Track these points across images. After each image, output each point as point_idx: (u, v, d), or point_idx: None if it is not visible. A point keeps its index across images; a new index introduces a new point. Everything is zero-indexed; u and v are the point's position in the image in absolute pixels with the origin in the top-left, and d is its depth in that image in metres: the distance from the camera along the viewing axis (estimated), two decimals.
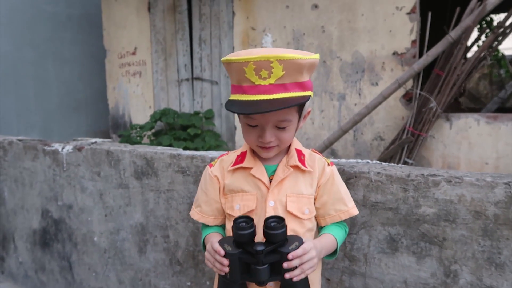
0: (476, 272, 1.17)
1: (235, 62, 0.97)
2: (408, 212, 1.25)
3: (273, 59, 0.93)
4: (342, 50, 3.86)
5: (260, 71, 0.95)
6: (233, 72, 1.00)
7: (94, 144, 2.07)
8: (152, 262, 1.86)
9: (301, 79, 0.99)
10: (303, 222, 1.09)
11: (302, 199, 1.09)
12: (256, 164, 1.11)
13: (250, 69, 0.95)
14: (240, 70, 0.97)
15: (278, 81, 0.96)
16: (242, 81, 0.99)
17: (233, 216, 1.08)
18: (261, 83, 0.96)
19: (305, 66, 0.97)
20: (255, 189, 1.09)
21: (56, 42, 5.82)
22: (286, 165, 1.10)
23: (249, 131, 1.07)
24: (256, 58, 0.94)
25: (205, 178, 1.19)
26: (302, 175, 1.10)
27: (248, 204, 1.09)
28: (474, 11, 3.24)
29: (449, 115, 3.43)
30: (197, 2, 4.74)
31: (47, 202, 2.24)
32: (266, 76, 0.95)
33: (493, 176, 1.16)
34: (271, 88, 0.96)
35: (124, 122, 5.43)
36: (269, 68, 0.94)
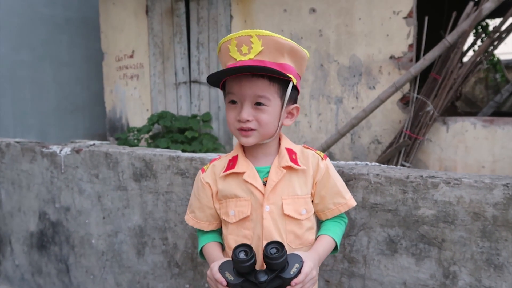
0: (475, 273, 1.17)
1: (222, 43, 1.06)
2: (407, 213, 1.26)
3: (253, 34, 1.00)
4: (340, 54, 3.88)
5: (241, 47, 1.01)
6: (222, 56, 1.07)
7: (93, 146, 2.06)
8: (150, 264, 1.85)
9: (281, 60, 1.02)
10: (302, 222, 1.09)
11: (298, 200, 1.08)
12: (248, 167, 1.09)
13: (233, 46, 1.02)
14: (226, 49, 1.04)
15: (257, 56, 1.01)
16: (227, 61, 1.05)
17: (229, 223, 1.09)
18: (241, 59, 1.01)
19: (284, 47, 1.01)
20: (249, 194, 1.08)
21: (53, 44, 5.82)
22: (278, 167, 1.08)
23: (229, 110, 1.07)
24: (238, 35, 1.02)
25: (197, 184, 1.19)
26: (296, 175, 1.09)
27: (242, 210, 1.07)
28: (470, 15, 3.27)
29: (445, 119, 3.45)
30: (195, 6, 4.75)
31: (44, 204, 2.23)
32: (246, 51, 1.01)
33: (491, 178, 1.17)
34: (250, 63, 1.00)
35: (121, 125, 5.43)
36: (249, 44, 1.01)
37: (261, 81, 1.01)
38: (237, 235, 1.09)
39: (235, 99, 1.05)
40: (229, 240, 1.10)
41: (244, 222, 1.07)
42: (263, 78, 1.01)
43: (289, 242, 1.08)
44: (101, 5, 5.41)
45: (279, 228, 1.07)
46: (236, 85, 1.03)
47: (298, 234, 1.08)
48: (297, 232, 1.08)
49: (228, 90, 1.06)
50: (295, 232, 1.08)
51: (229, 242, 1.11)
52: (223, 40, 1.05)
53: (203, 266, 1.70)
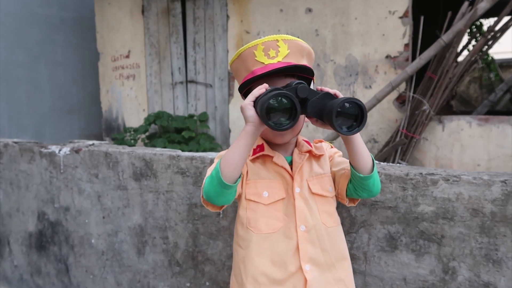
0: (474, 268, 1.19)
1: (246, 49, 1.08)
2: (407, 210, 1.27)
3: (279, 39, 1.07)
4: (336, 54, 3.90)
5: (268, 51, 1.06)
6: (244, 62, 1.09)
7: (92, 146, 2.06)
8: (151, 263, 1.86)
9: (302, 61, 1.09)
10: (330, 200, 1.15)
11: (323, 178, 1.15)
12: (275, 153, 1.13)
13: (259, 51, 1.06)
14: (251, 54, 1.07)
15: (285, 59, 1.06)
16: (253, 65, 1.07)
17: (261, 204, 1.08)
18: (270, 62, 1.06)
19: (304, 50, 1.10)
20: (279, 177, 1.11)
21: (48, 45, 5.79)
22: (300, 153, 1.15)
23: None
24: (264, 40, 1.07)
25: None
26: (315, 160, 1.17)
27: (276, 191, 1.10)
28: (465, 15, 3.30)
29: (441, 118, 3.48)
30: (191, 5, 4.75)
31: (43, 204, 2.23)
32: (274, 55, 1.06)
33: (489, 175, 1.19)
34: (279, 65, 1.05)
35: (118, 125, 5.41)
36: (276, 48, 1.06)
37: (290, 80, 1.05)
38: (268, 217, 1.09)
39: None
40: (259, 223, 1.09)
41: (277, 204, 1.09)
42: (293, 78, 1.07)
43: (324, 221, 1.11)
44: (96, 5, 5.40)
45: (312, 209, 1.11)
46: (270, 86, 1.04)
47: (330, 212, 1.14)
48: (329, 210, 1.14)
49: None
50: (327, 211, 1.13)
51: (259, 226, 1.09)
52: (246, 47, 1.08)
53: (203, 264, 1.71)
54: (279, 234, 1.08)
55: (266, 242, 1.08)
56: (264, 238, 1.08)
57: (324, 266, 1.09)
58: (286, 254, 1.07)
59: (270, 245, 1.08)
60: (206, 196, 1.02)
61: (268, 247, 1.08)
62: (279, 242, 1.08)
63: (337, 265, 1.12)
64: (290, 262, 1.07)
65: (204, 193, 1.02)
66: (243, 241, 1.11)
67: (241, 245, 1.12)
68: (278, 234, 1.08)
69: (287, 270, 1.07)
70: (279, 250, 1.07)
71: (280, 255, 1.07)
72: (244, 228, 1.11)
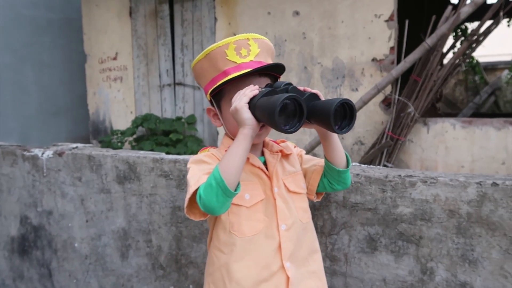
0: (451, 268, 1.21)
1: (215, 48, 1.06)
2: (386, 212, 1.29)
3: (250, 37, 1.07)
4: (323, 56, 3.93)
5: (240, 50, 1.05)
6: (213, 62, 1.07)
7: (75, 149, 2.05)
8: (134, 267, 1.85)
9: (269, 60, 1.11)
10: (304, 196, 1.18)
11: (296, 176, 1.17)
12: (250, 155, 1.11)
13: (231, 50, 1.05)
14: (222, 54, 1.05)
15: (256, 57, 1.07)
16: (224, 65, 1.06)
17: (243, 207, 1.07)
18: (243, 61, 1.05)
19: (271, 49, 1.12)
20: (255, 178, 1.11)
21: (35, 46, 5.72)
22: (271, 153, 1.15)
23: None
24: (236, 38, 1.05)
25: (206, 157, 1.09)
26: (285, 159, 1.18)
27: (256, 193, 1.09)
28: (449, 19, 3.36)
29: (426, 120, 3.53)
30: (179, 8, 4.75)
31: (26, 208, 2.20)
32: (246, 54, 1.06)
33: (465, 176, 1.21)
34: (252, 64, 1.05)
35: (105, 127, 5.37)
36: (247, 46, 1.06)
37: (264, 79, 1.09)
38: (251, 219, 1.08)
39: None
40: (243, 227, 1.08)
41: (257, 205, 1.09)
42: (266, 77, 1.09)
43: (301, 217, 1.14)
44: (83, 6, 5.36)
45: (290, 207, 1.12)
46: (245, 86, 1.03)
47: (305, 208, 1.17)
48: (304, 206, 1.17)
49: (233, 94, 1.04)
50: (303, 207, 1.16)
51: (243, 229, 1.08)
52: (216, 45, 1.06)
53: (187, 267, 1.70)
54: (261, 236, 1.08)
55: (249, 244, 1.08)
56: (247, 241, 1.08)
57: (299, 261, 1.11)
58: (269, 254, 1.08)
59: (253, 248, 1.08)
60: (206, 207, 0.95)
61: (252, 250, 1.08)
62: (261, 243, 1.08)
63: (309, 259, 1.14)
64: (272, 262, 1.07)
65: (203, 205, 0.95)
66: (225, 246, 1.09)
67: (223, 251, 1.10)
68: (259, 236, 1.08)
69: (270, 270, 1.07)
70: (262, 251, 1.08)
71: (263, 256, 1.07)
72: (227, 232, 1.09)
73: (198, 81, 1.17)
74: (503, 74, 7.81)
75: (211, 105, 1.16)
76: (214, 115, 1.17)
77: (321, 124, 0.99)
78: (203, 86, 1.14)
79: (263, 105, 0.94)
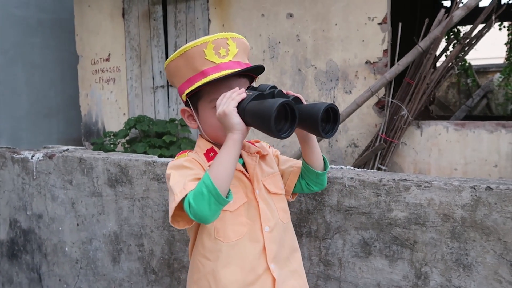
0: (445, 273, 1.21)
1: (193, 47, 1.02)
2: (381, 216, 1.28)
3: (228, 37, 1.04)
4: (317, 59, 3.93)
5: (219, 50, 1.02)
6: (190, 61, 1.03)
7: (66, 151, 2.02)
8: (126, 271, 1.82)
9: (246, 60, 1.09)
10: (283, 197, 1.18)
11: (274, 177, 1.17)
12: None
13: (209, 50, 1.02)
14: (200, 53, 1.02)
15: (234, 58, 1.05)
16: (202, 65, 1.03)
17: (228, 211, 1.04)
18: (222, 61, 1.03)
19: (247, 48, 1.11)
20: (236, 181, 1.08)
21: (26, 47, 5.66)
22: (249, 155, 1.14)
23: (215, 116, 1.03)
24: (215, 37, 1.02)
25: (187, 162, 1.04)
26: (263, 160, 1.17)
27: (238, 196, 1.07)
28: (442, 22, 3.37)
29: (419, 123, 3.54)
30: (172, 9, 4.73)
31: (15, 212, 2.17)
32: (224, 54, 1.03)
33: (460, 180, 1.21)
34: (231, 65, 1.03)
35: (97, 129, 5.32)
36: (226, 46, 1.03)
37: (244, 81, 1.07)
38: (235, 223, 1.06)
39: None
40: (228, 231, 1.06)
41: (240, 209, 1.07)
42: (245, 78, 1.08)
43: (282, 218, 1.13)
44: (76, 7, 5.31)
45: (272, 208, 1.11)
46: (225, 87, 1.02)
47: (285, 208, 1.17)
48: (284, 206, 1.17)
49: (213, 95, 1.03)
50: (283, 208, 1.16)
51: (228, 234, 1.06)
52: (192, 44, 1.02)
53: (180, 272, 1.68)
54: (245, 239, 1.07)
55: (234, 249, 1.06)
56: (232, 246, 1.06)
57: (282, 262, 1.11)
58: (254, 257, 1.06)
59: (238, 252, 1.06)
60: (197, 216, 0.91)
61: (237, 254, 1.06)
62: (246, 247, 1.07)
63: (290, 258, 1.14)
64: (257, 265, 1.06)
65: (194, 214, 0.91)
66: (211, 252, 1.07)
67: (208, 258, 1.07)
68: (244, 240, 1.06)
69: (255, 273, 1.06)
70: (247, 255, 1.06)
71: (249, 260, 1.06)
72: (212, 239, 1.06)
73: (171, 80, 1.12)
74: (495, 77, 7.88)
75: (186, 106, 1.12)
76: (189, 116, 1.13)
77: (306, 127, 0.99)
78: (178, 85, 1.09)
79: (255, 110, 0.92)
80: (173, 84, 1.13)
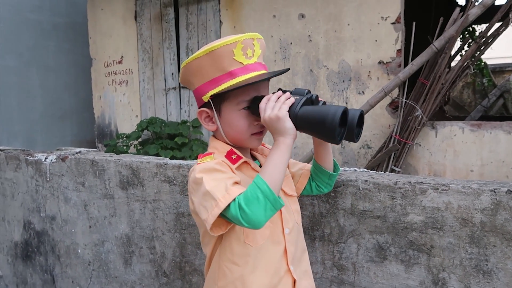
0: (464, 279, 1.17)
1: (222, 46, 0.98)
2: (396, 220, 1.25)
3: (254, 37, 1.01)
4: (329, 59, 3.89)
5: (246, 50, 1.00)
6: (217, 60, 0.99)
7: (79, 153, 2.03)
8: (137, 274, 1.82)
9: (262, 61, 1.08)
10: (296, 199, 1.18)
11: (288, 179, 1.16)
12: (248, 159, 1.09)
13: (238, 50, 0.99)
14: (229, 53, 0.99)
15: (258, 59, 1.04)
16: (230, 65, 0.99)
17: None
18: (248, 62, 1.01)
19: (265, 49, 1.09)
20: None
21: (40, 50, 5.74)
22: (264, 157, 1.14)
23: (243, 117, 1.03)
24: (243, 37, 0.99)
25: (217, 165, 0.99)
26: None
27: None
28: (457, 21, 3.31)
29: (434, 123, 3.47)
30: (184, 11, 4.74)
31: (29, 213, 2.19)
32: (251, 54, 1.01)
33: (479, 183, 1.17)
34: (256, 66, 1.02)
35: (110, 131, 5.37)
36: (252, 47, 1.01)
37: (267, 83, 1.08)
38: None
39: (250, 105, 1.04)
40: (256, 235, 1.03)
41: None
42: (268, 81, 1.08)
43: (297, 220, 1.13)
44: (89, 11, 5.37)
45: (289, 210, 1.11)
46: (254, 90, 1.02)
47: (299, 210, 1.17)
48: (298, 208, 1.17)
49: (241, 97, 1.02)
50: (297, 209, 1.16)
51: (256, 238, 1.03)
52: (223, 42, 0.98)
53: (191, 275, 1.67)
54: (268, 242, 1.05)
55: (260, 253, 1.04)
56: (259, 250, 1.04)
57: (296, 262, 1.11)
58: (277, 260, 1.06)
59: (263, 255, 1.05)
60: (251, 222, 0.87)
61: (262, 258, 1.04)
62: (269, 250, 1.05)
63: (301, 258, 1.14)
64: (279, 267, 1.06)
65: (247, 220, 0.87)
66: (240, 257, 1.03)
67: (237, 263, 1.03)
68: (267, 243, 1.05)
69: (278, 276, 1.06)
70: (271, 258, 1.05)
71: (272, 263, 1.05)
72: (241, 243, 1.03)
73: (189, 79, 1.06)
74: None
75: (207, 107, 1.06)
76: (206, 118, 1.08)
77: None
78: (197, 85, 1.04)
79: (311, 116, 0.94)
80: (190, 83, 1.07)
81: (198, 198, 0.96)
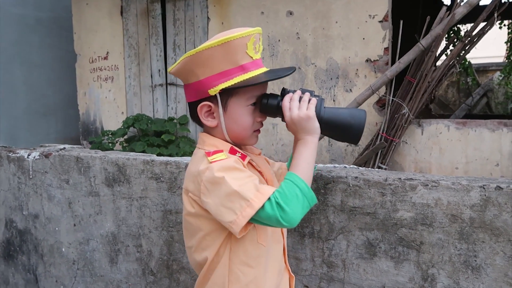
0: (453, 275, 1.17)
1: (239, 37, 0.93)
2: (386, 216, 1.25)
3: (260, 32, 1.01)
4: (317, 57, 3.89)
5: (255, 45, 0.98)
6: (230, 52, 0.94)
7: (63, 150, 1.98)
8: (124, 272, 1.78)
9: None
10: None
11: (275, 178, 1.15)
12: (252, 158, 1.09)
13: (251, 43, 0.96)
14: (243, 46, 0.95)
15: (261, 55, 1.03)
16: (242, 59, 0.96)
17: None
18: (256, 58, 0.99)
19: None
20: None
21: (23, 45, 5.60)
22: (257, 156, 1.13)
23: (249, 113, 1.01)
24: (254, 31, 0.97)
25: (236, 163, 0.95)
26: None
27: None
28: (443, 20, 3.34)
29: (420, 121, 3.51)
30: (171, 7, 4.68)
31: (11, 212, 2.13)
32: (258, 50, 1.00)
33: (468, 180, 1.17)
34: (260, 61, 1.01)
35: (96, 128, 5.28)
36: (259, 42, 1.00)
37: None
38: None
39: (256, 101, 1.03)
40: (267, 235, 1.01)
41: None
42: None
43: None
44: (74, 5, 5.26)
45: None
46: (262, 86, 1.02)
47: None
48: None
49: (251, 92, 1.00)
50: None
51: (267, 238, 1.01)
52: (239, 34, 0.93)
53: (179, 273, 1.65)
54: (271, 241, 1.05)
55: (269, 252, 1.03)
56: (268, 249, 1.02)
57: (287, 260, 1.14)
58: (279, 258, 1.07)
59: (270, 255, 1.03)
60: (289, 220, 0.85)
61: (270, 257, 1.03)
62: (273, 248, 1.05)
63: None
64: (280, 265, 1.07)
65: (286, 218, 0.85)
66: (253, 259, 0.99)
67: (251, 265, 0.99)
68: (271, 242, 1.05)
69: (280, 273, 1.06)
70: (275, 257, 1.06)
71: (277, 261, 1.06)
72: (255, 244, 0.99)
73: (194, 69, 0.96)
74: (495, 76, 7.86)
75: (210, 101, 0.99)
76: (206, 112, 1.01)
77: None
78: (203, 76, 0.96)
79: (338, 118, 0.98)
80: (192, 74, 0.98)
81: (219, 199, 0.89)
